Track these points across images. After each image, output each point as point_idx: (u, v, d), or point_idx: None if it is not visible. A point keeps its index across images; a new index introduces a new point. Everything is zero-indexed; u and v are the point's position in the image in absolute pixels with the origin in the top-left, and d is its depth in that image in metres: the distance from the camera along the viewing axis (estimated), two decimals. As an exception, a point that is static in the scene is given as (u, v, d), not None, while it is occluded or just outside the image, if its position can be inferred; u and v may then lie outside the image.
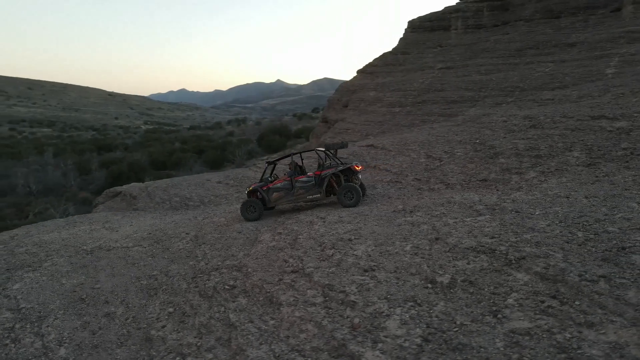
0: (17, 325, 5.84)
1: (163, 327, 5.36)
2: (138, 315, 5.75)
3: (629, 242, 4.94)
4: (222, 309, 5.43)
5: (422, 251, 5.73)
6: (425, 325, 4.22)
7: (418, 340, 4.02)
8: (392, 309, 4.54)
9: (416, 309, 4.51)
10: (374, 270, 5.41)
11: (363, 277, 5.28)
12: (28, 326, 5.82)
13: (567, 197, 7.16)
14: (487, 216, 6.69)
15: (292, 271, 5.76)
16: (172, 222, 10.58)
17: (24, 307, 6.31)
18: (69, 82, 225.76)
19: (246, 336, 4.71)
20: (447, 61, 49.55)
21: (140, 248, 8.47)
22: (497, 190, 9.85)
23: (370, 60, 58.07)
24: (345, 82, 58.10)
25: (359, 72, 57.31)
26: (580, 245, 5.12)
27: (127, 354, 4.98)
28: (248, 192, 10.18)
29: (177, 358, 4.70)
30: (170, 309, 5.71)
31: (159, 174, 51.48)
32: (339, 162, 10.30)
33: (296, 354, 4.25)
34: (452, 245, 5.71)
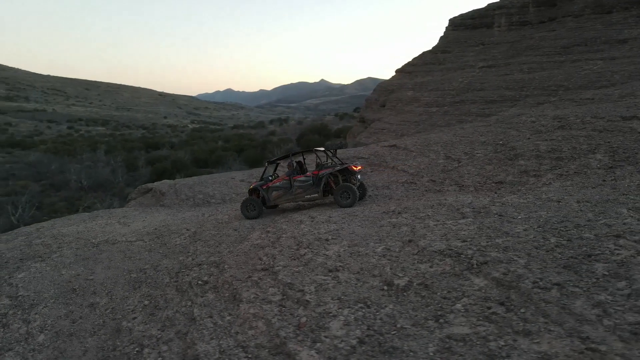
0: (10, 312, 6.27)
1: (134, 318, 5.59)
2: (118, 306, 6.03)
3: (598, 250, 4.69)
4: (190, 303, 5.60)
5: (392, 253, 5.67)
6: (366, 327, 4.19)
7: (354, 342, 4.01)
8: (340, 310, 4.54)
9: (364, 310, 4.48)
10: (338, 270, 5.41)
11: (325, 277, 5.29)
12: (19, 313, 6.23)
13: (559, 201, 6.85)
14: (469, 219, 6.52)
15: (262, 269, 5.85)
16: (182, 219, 10.95)
17: (21, 295, 6.75)
18: (123, 83, 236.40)
19: (201, 330, 4.85)
20: (489, 59, 48.09)
21: (141, 242, 8.84)
22: (496, 192, 9.54)
23: (410, 59, 57.33)
24: (383, 82, 57.65)
25: (397, 71, 56.68)
26: (548, 251, 4.91)
27: (96, 343, 5.24)
28: (249, 190, 10.38)
29: (137, 349, 4.89)
30: (146, 302, 5.94)
31: (200, 172, 52.97)
32: (337, 162, 10.32)
33: (240, 349, 4.34)
34: (421, 248, 5.61)
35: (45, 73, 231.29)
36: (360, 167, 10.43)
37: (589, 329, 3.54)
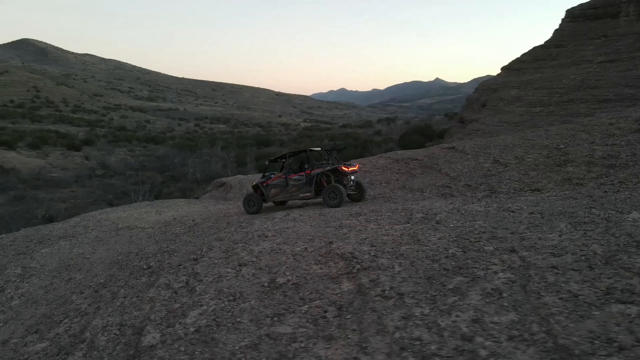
0: (13, 279, 7.55)
1: (81, 293, 6.41)
2: (83, 282, 6.92)
3: (476, 264, 4.32)
4: (124, 284, 6.26)
5: (304, 253, 5.74)
6: (212, 319, 4.42)
7: (192, 330, 4.27)
8: (210, 301, 4.81)
9: (228, 303, 4.70)
10: (246, 265, 5.65)
11: (230, 270, 5.58)
12: (17, 280, 7.48)
13: (512, 212, 6.25)
14: (407, 225, 6.27)
15: (193, 259, 6.30)
16: (204, 211, 11.87)
17: (30, 267, 8.06)
18: (244, 84, 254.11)
19: (109, 308, 5.47)
20: (611, 53, 42.78)
21: (151, 230, 9.85)
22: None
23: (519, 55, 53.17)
24: (486, 80, 54.42)
25: (503, 68, 53.06)
26: (434, 261, 4.67)
27: (44, 310, 6.14)
28: (253, 187, 10.87)
29: (62, 318, 5.66)
30: (102, 280, 6.74)
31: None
32: (331, 162, 10.39)
33: (118, 326, 4.85)
34: (331, 250, 5.61)
35: (180, 76, 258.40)
36: (354, 168, 10.34)
37: (374, 341, 3.39)
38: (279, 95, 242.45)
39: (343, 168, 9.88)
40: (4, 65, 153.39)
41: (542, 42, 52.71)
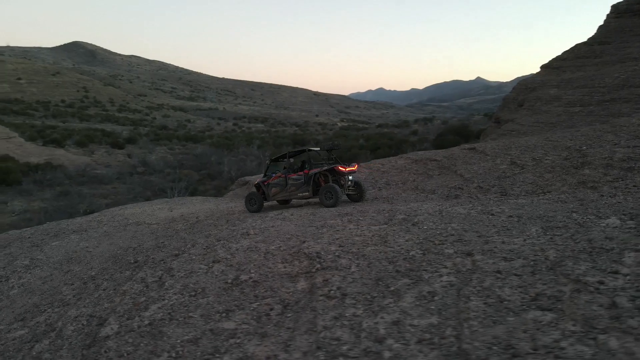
0: (19, 269, 8.04)
1: (72, 284, 6.76)
2: (78, 274, 7.28)
3: (427, 267, 4.27)
4: (109, 277, 6.55)
5: (277, 251, 5.83)
6: (167, 313, 4.59)
7: (146, 322, 4.46)
8: (172, 296, 4.99)
9: (189, 298, 4.86)
10: (219, 262, 5.80)
11: (203, 267, 5.74)
12: (22, 271, 7.95)
13: (492, 215, 6.10)
14: (385, 226, 6.23)
15: (174, 255, 6.52)
16: (213, 209, 12.16)
17: (37, 258, 8.55)
18: (283, 84, 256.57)
19: (87, 299, 5.75)
20: (658, 50, 40.33)
21: (156, 226, 10.21)
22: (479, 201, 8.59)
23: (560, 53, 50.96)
24: (524, 79, 52.53)
25: (542, 67, 51.05)
26: (390, 263, 4.64)
27: (35, 300, 6.51)
28: (255, 185, 11.02)
29: (49, 309, 5.99)
30: (93, 273, 7.08)
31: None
32: (330, 162, 10.41)
33: (88, 317, 5.11)
34: (301, 249, 5.67)
35: (220, 76, 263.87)
36: (353, 168, 10.29)
37: (299, 340, 3.44)
38: (316, 94, 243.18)
39: (340, 168, 9.89)
40: (56, 67, 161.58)
41: (585, 40, 50.43)
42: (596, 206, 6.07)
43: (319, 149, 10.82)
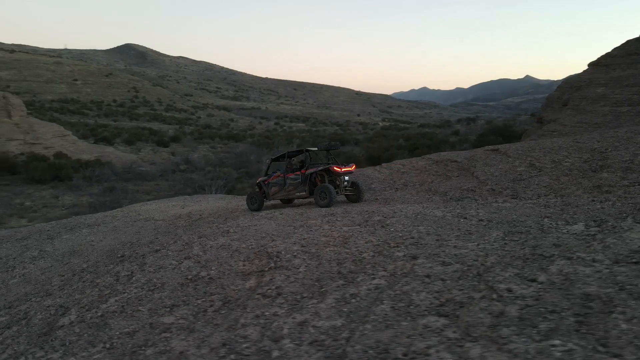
0: (26, 260, 8.57)
1: (63, 275, 7.14)
2: (74, 266, 7.67)
3: (373, 268, 4.26)
4: (94, 269, 6.89)
5: (245, 250, 5.94)
6: (121, 305, 4.82)
7: (99, 314, 4.69)
8: (131, 290, 5.21)
9: (145, 292, 5.06)
10: (189, 258, 5.98)
11: (173, 262, 5.94)
12: (29, 262, 8.48)
13: (464, 218, 5.95)
14: (356, 227, 6.22)
15: (155, 250, 6.77)
16: (222, 207, 12.43)
17: (45, 250, 9.08)
18: (325, 83, 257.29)
19: (66, 290, 6.09)
20: None
21: (161, 223, 10.57)
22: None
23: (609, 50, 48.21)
24: (570, 78, 50.17)
25: (590, 65, 48.54)
26: (339, 264, 4.65)
27: (29, 289, 6.92)
28: (256, 184, 11.14)
29: (34, 298, 6.36)
30: (85, 266, 7.46)
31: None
32: (329, 162, 10.40)
33: (57, 307, 5.42)
34: (265, 247, 5.76)
35: (263, 76, 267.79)
36: (349, 168, 10.22)
37: (216, 337, 3.53)
38: (358, 94, 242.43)
39: (335, 168, 9.86)
40: (109, 68, 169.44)
41: (638, 35, 47.56)
42: (576, 211, 5.80)
43: (316, 149, 10.85)
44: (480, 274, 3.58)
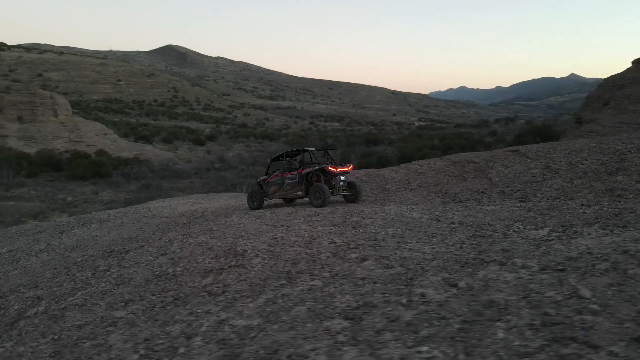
0: (33, 253, 9.01)
1: (56, 268, 7.46)
2: (70, 260, 7.97)
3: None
4: (82, 263, 7.17)
5: (218, 247, 6.03)
6: (88, 297, 5.00)
7: (62, 306, 4.89)
8: (100, 284, 5.41)
9: (113, 287, 5.24)
10: (165, 255, 6.14)
11: (147, 259, 6.12)
12: (34, 254, 8.90)
13: (438, 220, 5.83)
14: (331, 227, 6.21)
15: (140, 246, 6.98)
16: (229, 205, 12.63)
17: (52, 244, 9.50)
18: (361, 83, 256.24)
19: (50, 282, 6.37)
20: None
21: (165, 219, 10.85)
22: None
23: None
24: (612, 76, 47.69)
25: (634, 62, 46.12)
26: (293, 265, 4.66)
27: (24, 281, 7.25)
28: (257, 183, 11.22)
29: (21, 289, 6.66)
30: (79, 260, 7.76)
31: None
32: (327, 162, 10.38)
33: (34, 298, 5.69)
34: (235, 246, 5.84)
35: (299, 75, 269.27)
36: (345, 169, 10.14)
37: (147, 332, 3.62)
38: (394, 93, 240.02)
39: (330, 168, 9.81)
40: (151, 69, 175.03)
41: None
42: (554, 216, 5.58)
43: (313, 148, 10.85)
44: (411, 278, 3.51)
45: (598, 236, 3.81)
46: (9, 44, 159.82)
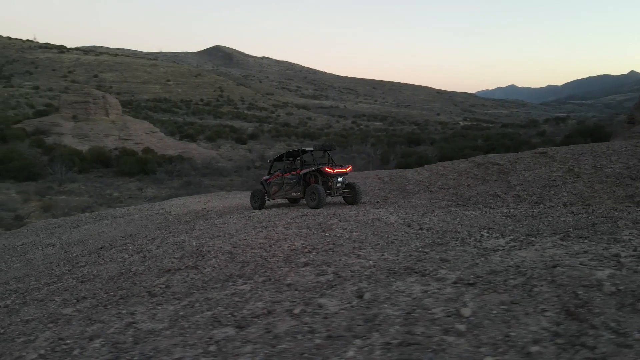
0: (40, 247, 9.42)
1: (51, 262, 7.74)
2: (69, 255, 8.26)
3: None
4: (73, 258, 7.40)
5: (189, 248, 6.06)
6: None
7: (27, 299, 5.06)
8: (68, 279, 5.56)
9: (72, 284, 5.37)
10: (139, 253, 6.24)
11: (123, 256, 6.24)
12: (41, 248, 9.31)
13: (408, 226, 5.58)
14: (303, 230, 6.09)
15: (123, 244, 7.14)
16: (237, 204, 12.75)
17: (61, 239, 9.91)
18: (405, 82, 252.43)
19: (35, 276, 6.62)
20: None
21: (171, 217, 11.06)
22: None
23: None
24: (670, 72, 44.59)
25: (696, 57, 42.96)
26: (243, 266, 4.60)
27: (20, 273, 7.55)
28: (260, 183, 11.19)
29: (12, 282, 6.94)
30: (75, 255, 8.02)
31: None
32: (326, 163, 10.22)
33: (12, 291, 5.92)
34: (202, 246, 5.85)
35: (343, 75, 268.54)
36: (343, 170, 9.93)
37: (77, 330, 3.67)
38: (439, 93, 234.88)
39: (326, 169, 9.64)
40: (198, 70, 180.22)
41: None
42: (530, 223, 5.22)
43: (312, 149, 10.73)
44: (331, 287, 3.36)
45: (545, 248, 3.51)
46: (68, 46, 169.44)
